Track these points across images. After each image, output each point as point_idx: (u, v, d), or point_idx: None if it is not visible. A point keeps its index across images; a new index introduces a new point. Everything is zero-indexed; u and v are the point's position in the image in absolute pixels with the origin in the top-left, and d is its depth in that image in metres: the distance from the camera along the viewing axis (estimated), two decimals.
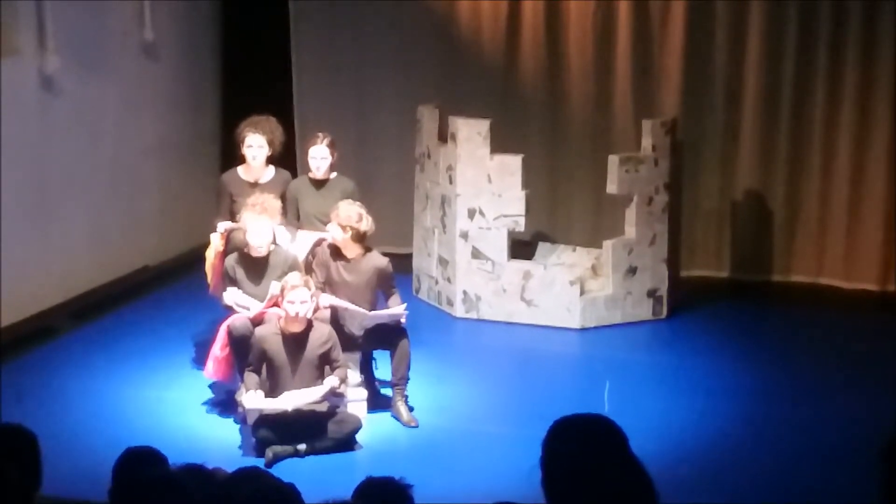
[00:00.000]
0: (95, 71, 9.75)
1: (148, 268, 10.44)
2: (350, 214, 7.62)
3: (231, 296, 7.64)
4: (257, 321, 7.50)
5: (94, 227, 9.85)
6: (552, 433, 3.06)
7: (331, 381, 7.25)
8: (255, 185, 8.15)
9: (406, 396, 7.71)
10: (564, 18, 10.44)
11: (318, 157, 8.23)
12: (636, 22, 10.29)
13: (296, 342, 7.25)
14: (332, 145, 8.27)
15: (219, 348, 7.60)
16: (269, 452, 7.06)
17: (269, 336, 7.26)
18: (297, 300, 7.15)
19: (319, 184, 8.29)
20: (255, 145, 8.15)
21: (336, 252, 7.72)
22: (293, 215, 8.26)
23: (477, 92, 10.54)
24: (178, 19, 10.74)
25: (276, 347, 7.23)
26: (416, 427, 7.57)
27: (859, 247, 10.07)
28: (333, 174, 8.35)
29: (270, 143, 8.24)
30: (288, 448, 7.13)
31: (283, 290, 7.22)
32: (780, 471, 7.02)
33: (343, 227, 7.61)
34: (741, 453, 7.26)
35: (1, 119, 8.64)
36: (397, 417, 7.64)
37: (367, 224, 7.63)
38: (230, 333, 7.50)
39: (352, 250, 7.68)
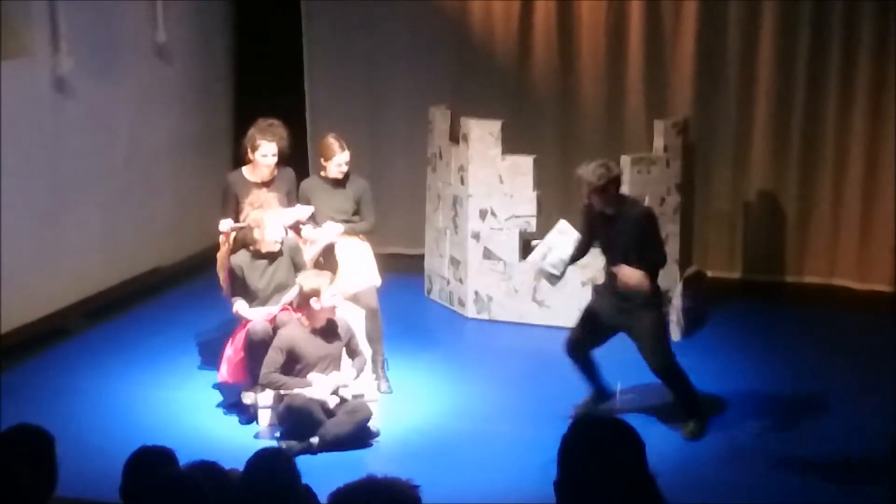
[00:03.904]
0: (108, 72, 9.77)
1: (160, 268, 10.46)
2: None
3: (238, 307, 7.70)
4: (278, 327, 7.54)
5: (106, 228, 9.87)
6: (571, 431, 3.04)
7: (349, 372, 7.35)
8: (260, 186, 8.18)
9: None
10: (577, 19, 10.44)
11: (344, 162, 8.18)
12: (648, 22, 10.28)
13: (322, 337, 7.30)
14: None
15: (233, 351, 7.63)
16: None
17: (296, 334, 7.30)
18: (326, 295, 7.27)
19: (334, 183, 8.31)
20: (270, 154, 8.20)
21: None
22: None
23: (489, 92, 10.54)
24: (191, 21, 10.76)
25: (305, 344, 7.29)
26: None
27: (872, 247, 10.03)
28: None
29: (281, 150, 8.29)
30: (301, 444, 7.15)
31: (305, 295, 7.26)
32: (792, 471, 7.00)
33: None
34: (753, 454, 7.24)
35: (15, 120, 8.68)
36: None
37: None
38: (250, 337, 7.52)
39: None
